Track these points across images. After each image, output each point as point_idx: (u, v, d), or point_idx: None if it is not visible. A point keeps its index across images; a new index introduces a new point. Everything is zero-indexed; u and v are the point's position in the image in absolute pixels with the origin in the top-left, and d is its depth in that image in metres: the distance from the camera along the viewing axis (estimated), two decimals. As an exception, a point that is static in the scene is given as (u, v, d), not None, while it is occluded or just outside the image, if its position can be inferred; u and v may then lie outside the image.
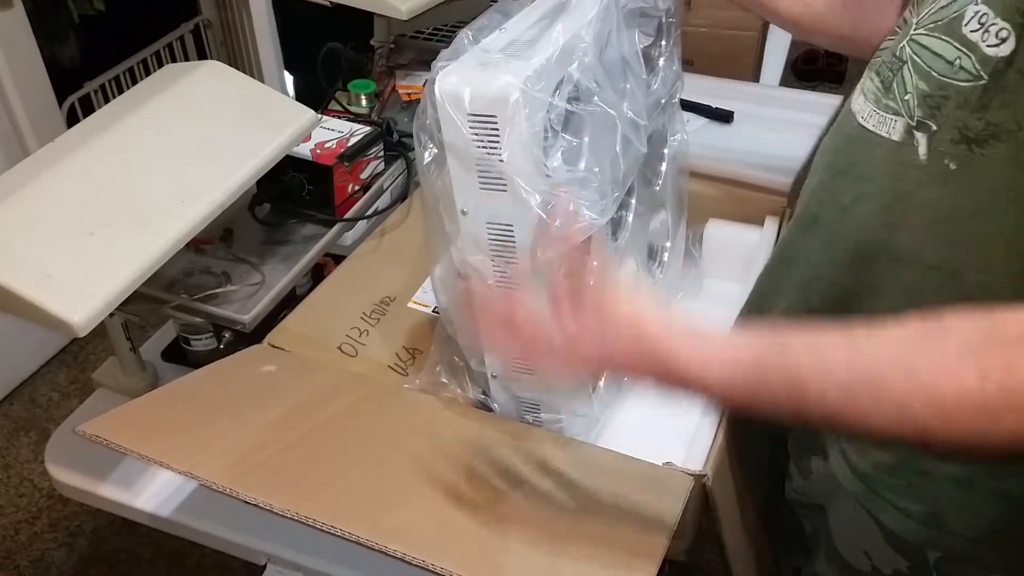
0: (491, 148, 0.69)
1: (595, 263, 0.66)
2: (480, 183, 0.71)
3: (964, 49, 0.56)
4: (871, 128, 0.65)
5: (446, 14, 1.53)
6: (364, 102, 1.28)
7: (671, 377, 0.56)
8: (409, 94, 1.38)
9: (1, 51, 1.82)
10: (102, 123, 0.91)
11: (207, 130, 0.93)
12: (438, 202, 0.76)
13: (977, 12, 0.55)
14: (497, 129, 0.68)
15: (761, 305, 0.83)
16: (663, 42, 0.98)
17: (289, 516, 0.64)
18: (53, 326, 0.74)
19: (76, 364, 2.17)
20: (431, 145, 0.75)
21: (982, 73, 0.55)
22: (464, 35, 0.78)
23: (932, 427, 0.46)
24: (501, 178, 0.70)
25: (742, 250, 1.14)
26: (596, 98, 0.77)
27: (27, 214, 0.81)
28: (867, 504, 0.71)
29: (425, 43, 1.53)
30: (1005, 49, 0.53)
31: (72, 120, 2.17)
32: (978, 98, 0.56)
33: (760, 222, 1.17)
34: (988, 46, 0.54)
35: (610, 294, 0.60)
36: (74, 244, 0.79)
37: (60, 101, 2.07)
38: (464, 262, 0.76)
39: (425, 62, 1.47)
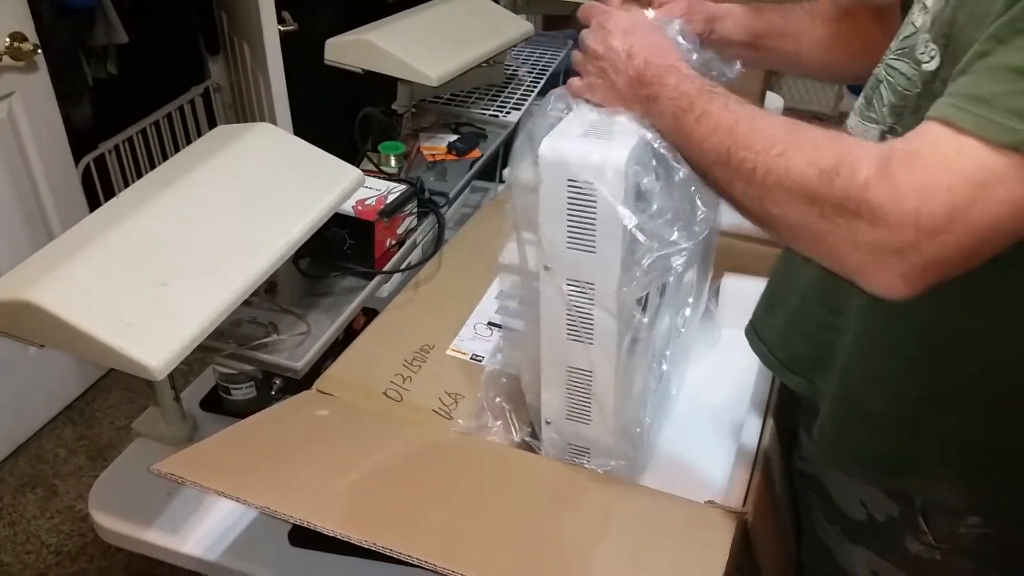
0: (588, 211, 0.73)
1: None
2: (568, 242, 0.75)
3: (915, 67, 0.70)
4: (857, 135, 0.77)
5: (463, 81, 1.62)
6: (393, 162, 1.35)
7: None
8: (433, 155, 1.45)
9: (24, 112, 1.88)
10: (162, 180, 0.97)
11: (264, 187, 0.98)
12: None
13: (924, 39, 0.69)
14: (595, 196, 0.72)
15: (785, 278, 0.92)
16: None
17: (368, 546, 0.68)
18: (132, 370, 0.78)
19: (82, 420, 2.18)
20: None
21: (919, 83, 0.69)
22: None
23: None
24: (592, 239, 0.74)
25: (755, 301, 1.20)
26: (679, 172, 0.82)
27: (100, 266, 0.85)
28: (839, 465, 0.83)
29: (445, 107, 1.61)
30: (934, 64, 0.67)
31: (87, 180, 2.22)
32: (915, 103, 0.69)
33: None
34: (924, 63, 0.68)
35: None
36: (147, 294, 0.83)
37: (76, 161, 2.12)
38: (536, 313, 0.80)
39: (445, 125, 1.55)
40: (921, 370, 0.75)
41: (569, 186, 0.73)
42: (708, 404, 1.06)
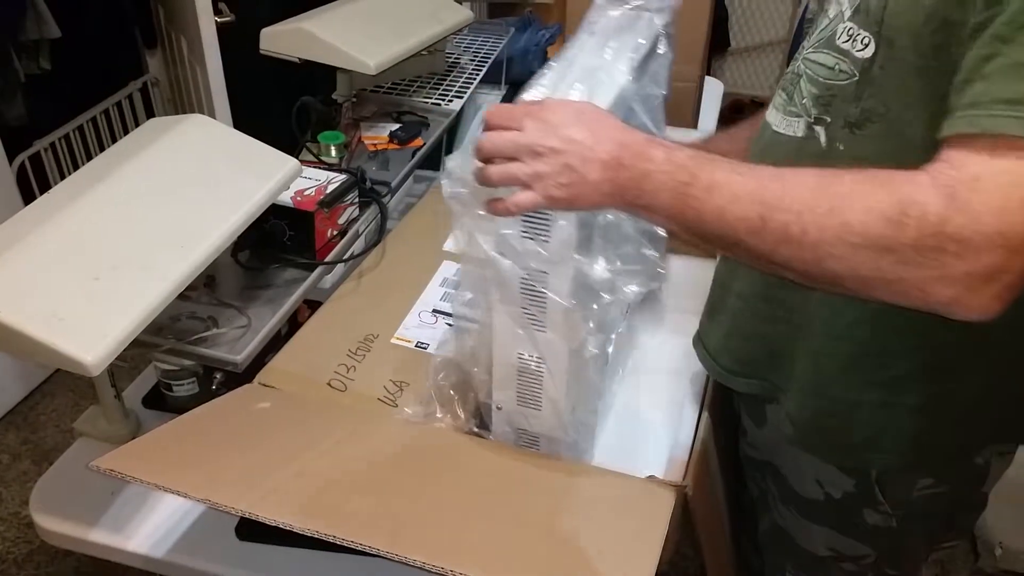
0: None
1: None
2: (523, 232, 0.74)
3: (840, 56, 0.72)
4: (781, 131, 0.80)
5: (403, 70, 1.61)
6: (333, 152, 1.34)
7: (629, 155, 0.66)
8: (375, 144, 1.44)
9: (-48, 111, 1.83)
10: (96, 173, 0.95)
11: (199, 178, 0.97)
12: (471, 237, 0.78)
13: (846, 27, 0.72)
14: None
15: (724, 284, 0.94)
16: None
17: (310, 534, 0.68)
18: (67, 366, 0.77)
19: (26, 425, 2.13)
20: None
21: (855, 72, 0.71)
22: None
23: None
24: (547, 229, 0.73)
25: (700, 284, 1.22)
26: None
27: (33, 260, 0.83)
28: (813, 451, 0.85)
29: (386, 96, 1.60)
30: (868, 52, 0.70)
31: (22, 178, 2.16)
32: (853, 91, 0.72)
33: (715, 256, 1.25)
34: (857, 51, 0.71)
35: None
36: (81, 288, 0.82)
37: (10, 160, 2.07)
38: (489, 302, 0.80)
39: (387, 114, 1.54)
40: (893, 354, 0.77)
41: None
42: (651, 387, 1.08)
